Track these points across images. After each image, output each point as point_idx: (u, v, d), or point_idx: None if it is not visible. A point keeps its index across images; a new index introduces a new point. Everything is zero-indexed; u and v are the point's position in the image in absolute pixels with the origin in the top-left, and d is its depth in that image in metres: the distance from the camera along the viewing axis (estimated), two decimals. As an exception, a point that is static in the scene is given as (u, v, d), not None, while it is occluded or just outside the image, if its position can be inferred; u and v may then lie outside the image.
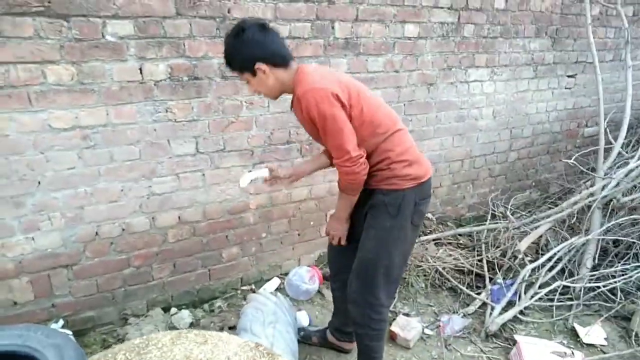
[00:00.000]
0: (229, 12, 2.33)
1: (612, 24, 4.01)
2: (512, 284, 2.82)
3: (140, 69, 2.21)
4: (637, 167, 3.25)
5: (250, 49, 1.64)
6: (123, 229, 2.38)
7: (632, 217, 3.05)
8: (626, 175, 3.19)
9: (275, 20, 2.46)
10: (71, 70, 2.07)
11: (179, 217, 2.51)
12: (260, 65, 1.66)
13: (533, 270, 2.91)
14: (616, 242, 3.13)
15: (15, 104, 2.01)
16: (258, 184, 2.65)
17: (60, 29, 2.00)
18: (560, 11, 3.67)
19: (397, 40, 2.91)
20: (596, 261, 2.97)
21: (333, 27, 2.66)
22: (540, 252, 3.26)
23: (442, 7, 3.02)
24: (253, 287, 2.87)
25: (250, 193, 2.68)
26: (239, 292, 2.81)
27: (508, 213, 3.45)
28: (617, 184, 3.17)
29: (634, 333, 2.58)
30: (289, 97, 1.78)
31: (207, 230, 2.61)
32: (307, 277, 2.83)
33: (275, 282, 2.90)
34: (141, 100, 2.24)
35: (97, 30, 2.07)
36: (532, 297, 2.76)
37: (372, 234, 1.84)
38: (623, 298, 2.76)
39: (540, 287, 2.81)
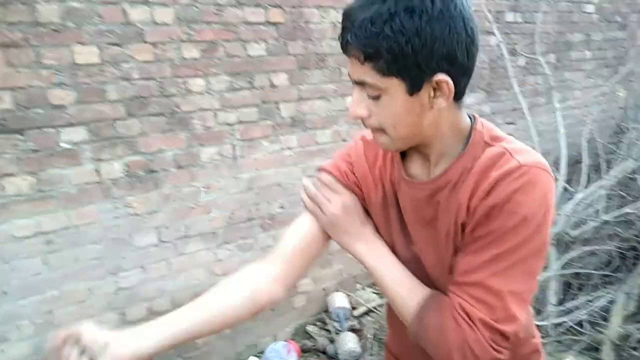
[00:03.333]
0: (177, 107, 2.49)
1: (539, 70, 4.36)
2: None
3: (97, 170, 2.31)
4: (581, 200, 3.45)
5: (448, 41, 0.74)
6: (92, 328, 2.38)
7: (586, 248, 3.21)
8: (573, 210, 3.38)
9: (223, 109, 2.63)
10: (29, 180, 2.16)
11: (148, 309, 2.53)
12: (444, 79, 0.77)
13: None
14: (577, 275, 3.27)
15: (-24, 219, 2.07)
16: (226, 263, 2.73)
17: (16, 143, 2.11)
18: (489, 66, 4.00)
19: (341, 113, 3.12)
20: (560, 296, 3.08)
21: (278, 108, 2.85)
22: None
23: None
24: (231, 369, 2.85)
25: (217, 274, 2.73)
26: (217, 376, 2.79)
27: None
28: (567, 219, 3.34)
29: (605, 362, 2.65)
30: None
31: (177, 318, 2.62)
32: (284, 352, 2.84)
33: (252, 361, 2.90)
34: (100, 200, 2.33)
35: (51, 140, 2.19)
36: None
37: None
38: (590, 329, 2.85)
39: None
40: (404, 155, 0.95)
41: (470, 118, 0.90)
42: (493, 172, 0.80)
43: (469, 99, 3.86)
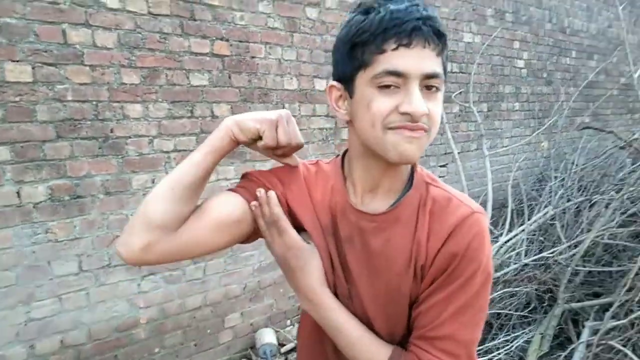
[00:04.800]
0: (111, 131, 2.42)
1: (472, 118, 4.61)
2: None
3: (18, 193, 2.19)
4: (504, 243, 3.64)
5: None
6: (-4, 363, 2.21)
7: (507, 290, 3.37)
8: (497, 252, 3.55)
9: (160, 136, 2.58)
10: (-61, 200, 2.01)
11: (62, 342, 2.38)
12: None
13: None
14: (498, 315, 3.41)
15: None
16: (150, 296, 2.62)
17: None
18: (426, 111, 4.18)
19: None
20: (481, 336, 3.19)
21: (218, 139, 2.83)
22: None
23: (319, 115, 3.34)
24: (149, 406, 2.72)
25: (140, 307, 2.62)
26: (133, 414, 2.65)
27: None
28: (491, 261, 3.50)
29: (519, 403, 2.77)
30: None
31: (93, 352, 2.48)
32: (206, 388, 2.75)
33: (173, 398, 2.78)
34: (18, 224, 2.20)
35: (-31, 159, 2.05)
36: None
37: None
38: (507, 369, 2.97)
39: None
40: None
41: None
42: (447, 218, 0.84)
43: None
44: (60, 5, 2.21)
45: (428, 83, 0.79)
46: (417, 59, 0.77)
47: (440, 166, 4.40)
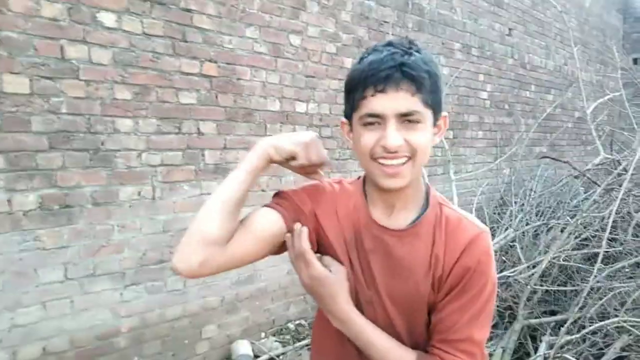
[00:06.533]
0: (102, 144, 2.51)
1: (439, 144, 4.87)
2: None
3: (9, 200, 2.24)
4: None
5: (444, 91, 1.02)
6: (-22, 369, 2.23)
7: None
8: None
9: (148, 150, 2.68)
10: None
11: (44, 349, 2.41)
12: (446, 115, 1.03)
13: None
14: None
15: None
16: (132, 305, 2.69)
17: None
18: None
19: (261, 164, 3.28)
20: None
21: (203, 155, 2.95)
22: None
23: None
24: (124, 416, 2.75)
25: (122, 316, 2.68)
26: None
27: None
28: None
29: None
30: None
31: (74, 360, 2.52)
32: (182, 398, 2.80)
33: (148, 408, 2.81)
34: (8, 231, 2.25)
35: (-37, 165, 2.11)
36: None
37: None
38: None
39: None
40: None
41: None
42: (460, 236, 0.98)
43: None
44: (60, 22, 2.32)
45: (405, 119, 0.92)
46: (392, 102, 0.90)
47: (410, 188, 4.60)
